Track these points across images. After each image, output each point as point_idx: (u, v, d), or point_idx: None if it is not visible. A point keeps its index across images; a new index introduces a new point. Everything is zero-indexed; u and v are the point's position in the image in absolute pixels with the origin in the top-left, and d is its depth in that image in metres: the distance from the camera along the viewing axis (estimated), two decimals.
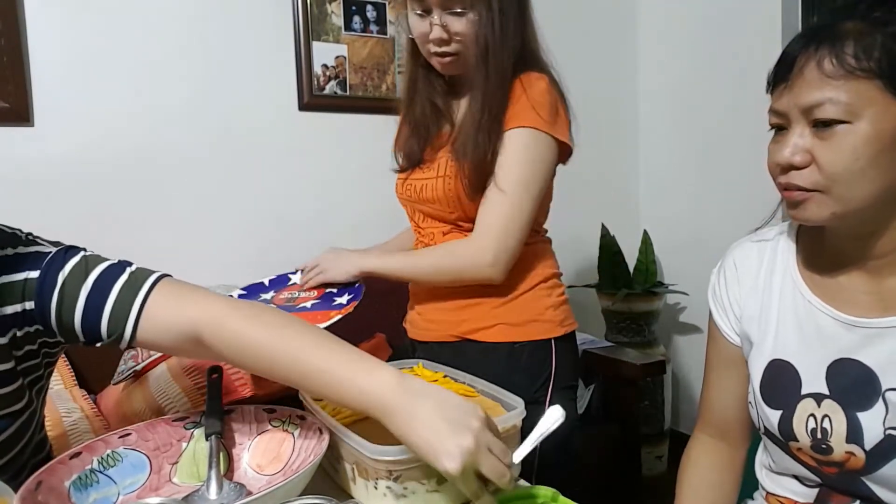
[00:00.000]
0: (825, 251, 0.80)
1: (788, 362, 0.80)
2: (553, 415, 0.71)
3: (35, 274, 0.72)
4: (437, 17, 1.05)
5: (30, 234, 0.77)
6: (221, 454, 0.78)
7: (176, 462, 0.81)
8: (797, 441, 0.78)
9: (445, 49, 1.08)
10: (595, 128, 1.78)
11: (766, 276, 0.85)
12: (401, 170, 1.23)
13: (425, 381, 0.70)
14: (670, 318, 2.62)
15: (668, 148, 2.59)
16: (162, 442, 0.81)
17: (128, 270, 0.75)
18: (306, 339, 0.71)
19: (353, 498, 0.75)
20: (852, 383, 0.74)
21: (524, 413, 0.79)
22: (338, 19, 2.06)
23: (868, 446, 0.72)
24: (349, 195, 2.11)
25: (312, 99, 2.04)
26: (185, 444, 0.82)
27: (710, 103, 2.38)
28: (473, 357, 1.12)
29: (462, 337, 1.16)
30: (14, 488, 0.62)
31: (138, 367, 1.38)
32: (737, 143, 2.28)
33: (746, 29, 2.21)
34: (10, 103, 1.66)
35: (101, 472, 0.74)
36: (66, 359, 1.64)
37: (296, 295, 1.19)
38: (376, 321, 1.52)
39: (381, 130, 1.44)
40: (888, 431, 0.71)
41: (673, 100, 2.54)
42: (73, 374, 1.61)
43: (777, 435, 0.80)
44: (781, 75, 0.73)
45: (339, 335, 0.74)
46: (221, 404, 0.86)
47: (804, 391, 0.78)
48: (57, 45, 1.72)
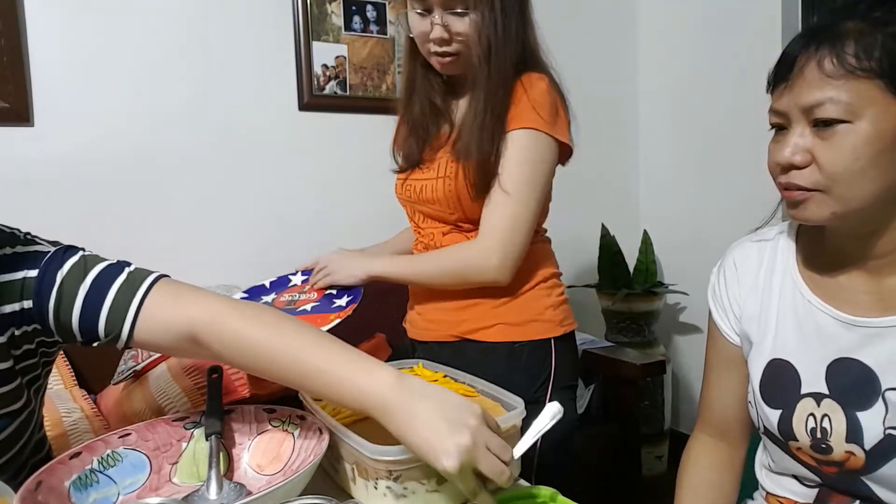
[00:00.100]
0: (825, 251, 0.80)
1: (788, 362, 0.79)
2: (551, 410, 0.71)
3: (34, 273, 0.72)
4: (438, 16, 1.05)
5: (28, 233, 0.77)
6: (221, 454, 0.78)
7: (176, 462, 0.81)
8: (797, 441, 0.77)
9: (446, 49, 1.07)
10: (595, 128, 1.77)
11: (765, 275, 0.85)
12: (400, 170, 1.23)
13: (425, 381, 0.70)
14: (670, 318, 2.62)
15: (668, 148, 2.58)
16: (162, 442, 0.81)
17: (126, 270, 0.75)
18: (305, 339, 0.71)
19: (353, 498, 0.75)
20: (852, 383, 0.74)
21: (524, 413, 0.79)
22: (338, 19, 2.06)
23: (868, 446, 0.72)
24: (349, 195, 2.11)
25: (312, 99, 2.04)
26: (185, 444, 0.82)
27: (710, 103, 2.38)
28: (473, 357, 1.12)
29: (462, 337, 1.16)
30: (14, 488, 0.62)
31: (138, 367, 1.38)
32: (737, 143, 2.28)
33: (746, 29, 2.21)
34: (10, 103, 1.66)
35: (101, 472, 0.74)
36: (66, 359, 1.64)
37: (296, 297, 1.19)
38: (376, 321, 1.52)
39: (381, 130, 1.44)
40: (888, 431, 0.71)
41: (673, 100, 2.54)
42: (73, 373, 1.60)
43: (777, 435, 0.80)
44: (782, 75, 0.73)
45: (339, 335, 0.75)
46: (221, 404, 0.86)
47: (804, 391, 0.77)
48: (57, 45, 1.72)
